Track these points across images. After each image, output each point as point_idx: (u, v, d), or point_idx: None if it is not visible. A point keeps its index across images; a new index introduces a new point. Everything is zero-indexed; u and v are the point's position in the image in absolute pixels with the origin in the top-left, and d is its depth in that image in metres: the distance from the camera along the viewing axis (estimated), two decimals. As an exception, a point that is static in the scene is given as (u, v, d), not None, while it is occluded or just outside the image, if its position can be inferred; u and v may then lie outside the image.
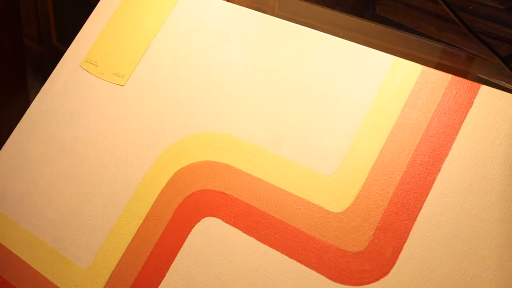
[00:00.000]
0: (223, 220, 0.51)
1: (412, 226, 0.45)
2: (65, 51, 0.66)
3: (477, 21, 0.60)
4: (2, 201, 0.61)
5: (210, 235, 0.51)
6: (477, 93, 0.47)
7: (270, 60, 0.54)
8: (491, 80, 0.58)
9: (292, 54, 0.54)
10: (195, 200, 0.52)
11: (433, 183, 0.46)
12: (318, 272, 0.46)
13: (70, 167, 0.59)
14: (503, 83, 0.56)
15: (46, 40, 1.56)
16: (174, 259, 0.51)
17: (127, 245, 0.53)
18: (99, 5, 0.67)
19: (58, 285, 0.55)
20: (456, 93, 0.47)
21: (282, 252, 0.48)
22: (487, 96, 0.46)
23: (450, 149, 0.46)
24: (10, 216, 0.60)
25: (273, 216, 0.49)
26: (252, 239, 0.49)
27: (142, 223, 0.53)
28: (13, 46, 1.38)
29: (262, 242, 0.49)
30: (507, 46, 0.59)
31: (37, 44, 1.61)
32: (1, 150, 0.63)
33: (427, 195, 0.45)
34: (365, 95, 0.50)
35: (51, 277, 0.56)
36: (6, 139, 0.63)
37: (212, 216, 0.51)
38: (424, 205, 0.45)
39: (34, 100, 0.65)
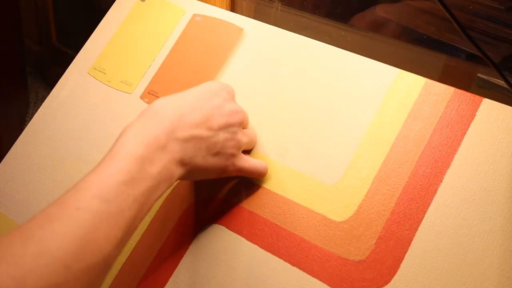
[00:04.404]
0: (226, 227, 0.51)
1: (413, 236, 0.45)
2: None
3: (476, 21, 0.60)
4: (5, 203, 0.61)
5: (214, 242, 0.51)
6: (479, 106, 0.47)
7: (275, 71, 0.55)
8: (491, 80, 0.58)
9: (296, 65, 0.54)
10: (199, 207, 0.53)
11: (435, 193, 0.46)
12: (320, 280, 0.47)
13: (74, 172, 0.59)
14: (502, 83, 0.56)
15: (46, 40, 1.55)
16: (177, 265, 0.51)
17: (130, 250, 0.53)
18: (108, 14, 0.68)
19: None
20: (459, 105, 0.48)
21: (284, 260, 0.48)
22: (489, 109, 0.47)
23: (452, 160, 0.46)
24: (13, 219, 0.60)
25: (276, 224, 0.50)
26: (255, 246, 0.49)
27: (146, 229, 0.54)
28: (13, 46, 1.37)
29: (265, 250, 0.49)
30: (507, 46, 0.59)
31: (37, 44, 1.60)
32: (8, 153, 0.63)
33: (428, 206, 0.46)
34: (368, 107, 0.51)
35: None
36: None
37: (216, 223, 0.52)
38: (426, 215, 0.46)
39: (42, 105, 0.65)
